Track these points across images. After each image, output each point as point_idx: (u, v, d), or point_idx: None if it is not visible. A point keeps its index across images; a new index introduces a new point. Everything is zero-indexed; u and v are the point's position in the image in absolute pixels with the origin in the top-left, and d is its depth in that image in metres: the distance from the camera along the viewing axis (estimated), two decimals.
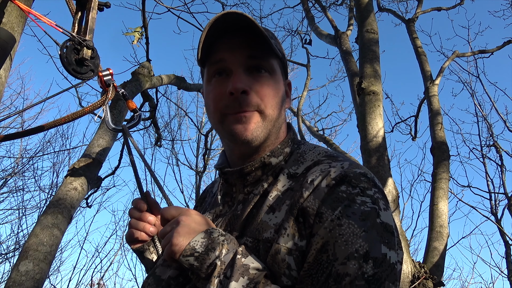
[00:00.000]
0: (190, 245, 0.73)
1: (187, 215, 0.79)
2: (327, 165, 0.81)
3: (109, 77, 1.00)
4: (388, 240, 0.72)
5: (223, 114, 0.86)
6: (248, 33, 0.85)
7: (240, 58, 0.86)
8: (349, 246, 0.68)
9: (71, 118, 0.97)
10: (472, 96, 7.78)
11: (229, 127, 0.86)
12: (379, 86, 3.32)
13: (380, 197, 0.76)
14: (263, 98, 0.86)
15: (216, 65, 0.88)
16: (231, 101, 0.85)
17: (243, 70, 0.86)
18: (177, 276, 0.83)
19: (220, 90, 0.87)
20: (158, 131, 4.77)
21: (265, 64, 0.88)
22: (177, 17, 3.77)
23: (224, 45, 0.87)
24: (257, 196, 0.85)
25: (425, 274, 2.87)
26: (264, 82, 0.87)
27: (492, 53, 5.69)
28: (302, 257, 0.73)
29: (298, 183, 0.81)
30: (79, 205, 2.15)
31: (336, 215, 0.71)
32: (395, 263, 0.71)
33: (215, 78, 0.89)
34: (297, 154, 0.89)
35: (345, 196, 0.74)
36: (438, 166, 4.03)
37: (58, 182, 8.12)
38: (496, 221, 7.46)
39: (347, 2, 6.57)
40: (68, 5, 1.05)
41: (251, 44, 0.86)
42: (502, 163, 7.57)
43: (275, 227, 0.77)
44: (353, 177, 0.76)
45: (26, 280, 1.73)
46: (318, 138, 6.84)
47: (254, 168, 0.87)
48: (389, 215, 0.75)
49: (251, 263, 0.72)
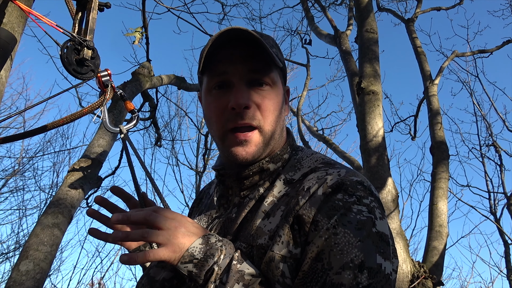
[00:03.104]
0: (189, 252, 0.72)
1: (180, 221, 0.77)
2: (324, 172, 0.80)
3: (107, 77, 1.00)
4: (383, 250, 0.72)
5: (225, 131, 0.86)
6: (250, 45, 0.85)
7: (242, 72, 0.86)
8: (344, 256, 0.68)
9: (70, 119, 0.97)
10: (471, 95, 7.79)
11: (229, 148, 0.86)
12: (378, 86, 3.32)
13: (376, 205, 0.76)
14: (264, 113, 0.86)
15: (218, 78, 0.88)
16: (232, 115, 0.85)
17: (244, 84, 0.86)
18: (171, 278, 0.82)
19: (221, 104, 0.87)
20: (158, 131, 4.77)
21: (267, 78, 0.88)
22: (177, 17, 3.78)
23: (226, 57, 0.87)
24: (253, 201, 0.85)
25: (424, 273, 2.87)
26: (265, 96, 0.87)
27: (491, 52, 5.69)
28: (296, 265, 0.73)
29: (294, 189, 0.81)
30: (79, 205, 2.16)
31: (332, 224, 0.71)
32: (390, 273, 0.71)
33: (216, 91, 0.88)
34: (295, 160, 0.90)
35: (341, 204, 0.73)
36: (437, 165, 4.04)
37: (58, 182, 8.13)
38: (495, 220, 7.46)
39: (346, 2, 6.57)
40: (68, 6, 1.05)
41: (253, 57, 0.86)
42: (501, 163, 7.58)
43: (270, 234, 0.77)
44: (350, 185, 0.76)
45: (27, 280, 1.73)
46: (318, 138, 6.84)
47: (252, 173, 0.87)
48: (384, 224, 0.75)
49: (246, 269, 0.72)
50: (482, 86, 9.22)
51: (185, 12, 3.74)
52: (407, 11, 6.89)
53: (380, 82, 3.39)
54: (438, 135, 4.33)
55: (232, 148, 0.86)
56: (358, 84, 3.35)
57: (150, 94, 3.50)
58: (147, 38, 3.12)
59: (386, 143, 3.18)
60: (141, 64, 2.96)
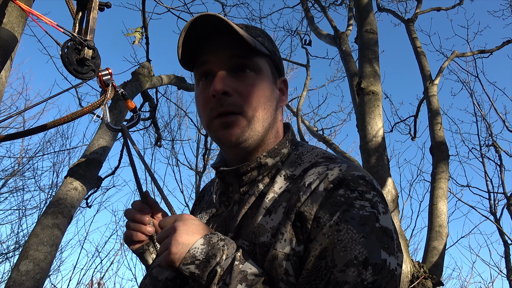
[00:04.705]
0: (190, 253, 0.72)
1: (183, 220, 0.77)
2: (325, 167, 0.79)
3: (108, 76, 1.00)
4: (387, 245, 0.71)
5: (210, 119, 0.86)
6: (232, 34, 0.84)
7: (222, 59, 0.86)
8: (348, 253, 0.68)
9: (70, 118, 0.97)
10: (471, 96, 7.78)
11: (215, 133, 0.86)
12: (378, 86, 3.32)
13: (379, 200, 0.75)
14: (246, 98, 0.85)
15: (201, 68, 0.88)
16: (214, 103, 0.85)
17: (226, 71, 0.85)
18: (174, 278, 0.82)
19: (205, 94, 0.87)
20: (158, 131, 4.77)
21: (250, 63, 0.87)
22: (177, 17, 3.77)
23: (208, 48, 0.87)
24: (252, 197, 0.84)
25: (424, 273, 2.87)
26: (248, 82, 0.86)
27: (491, 53, 5.68)
28: (299, 262, 0.72)
29: (295, 185, 0.80)
30: (79, 205, 2.16)
31: (335, 221, 0.70)
32: (395, 268, 0.71)
33: (202, 81, 0.89)
34: (295, 156, 0.89)
35: (344, 200, 0.72)
36: (437, 165, 4.04)
37: (58, 182, 8.13)
38: (495, 220, 7.46)
39: (346, 2, 6.57)
40: (68, 5, 1.05)
41: (234, 45, 0.85)
42: (501, 163, 7.58)
43: (272, 231, 0.76)
44: (351, 180, 0.75)
45: (27, 280, 1.73)
46: (318, 138, 6.84)
47: (250, 168, 0.86)
48: (388, 219, 0.74)
49: (249, 269, 0.72)
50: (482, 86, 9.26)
51: (185, 12, 3.74)
52: (407, 11, 6.90)
53: (380, 82, 3.39)
54: (438, 135, 4.33)
55: (217, 133, 0.86)
56: (358, 84, 3.35)
57: (150, 94, 3.50)
58: (147, 38, 3.12)
59: (386, 143, 3.18)
60: (141, 64, 2.96)
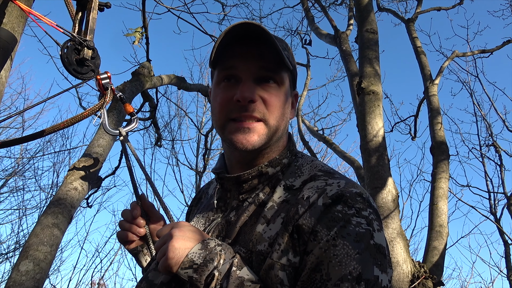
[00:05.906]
0: (188, 257, 0.74)
1: (179, 227, 0.79)
2: (323, 182, 0.81)
3: (107, 80, 1.00)
4: (380, 262, 0.73)
5: (227, 119, 0.87)
6: (261, 43, 0.85)
7: (251, 68, 0.87)
8: (342, 268, 0.70)
9: (70, 122, 0.97)
10: (471, 95, 7.77)
11: (230, 135, 0.87)
12: (378, 86, 3.32)
13: (374, 217, 0.77)
14: (269, 108, 0.87)
15: (228, 71, 0.89)
16: (235, 105, 0.86)
17: (252, 80, 0.87)
18: (170, 282, 0.83)
19: (227, 95, 0.88)
20: (158, 131, 4.77)
21: (275, 76, 0.89)
22: (177, 17, 3.77)
23: (238, 53, 0.88)
24: (252, 205, 0.86)
25: (424, 273, 2.87)
26: (271, 92, 0.88)
27: (491, 53, 5.69)
28: (295, 273, 0.74)
29: (294, 196, 0.82)
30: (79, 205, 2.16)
31: (332, 236, 0.72)
32: (386, 285, 0.73)
33: (224, 83, 0.89)
34: (295, 167, 0.91)
35: (341, 216, 0.75)
36: (437, 165, 4.04)
37: (58, 182, 8.13)
38: (495, 220, 7.46)
39: (346, 2, 6.57)
40: (68, 7, 1.05)
41: (264, 55, 0.87)
42: (501, 163, 7.57)
43: (269, 240, 0.78)
44: (349, 197, 0.77)
45: (27, 280, 1.73)
46: (318, 138, 6.84)
47: (251, 177, 0.88)
48: (382, 236, 0.77)
49: (246, 275, 0.74)
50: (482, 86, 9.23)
51: (185, 12, 3.74)
52: (407, 11, 6.90)
53: (380, 82, 3.39)
54: (438, 135, 4.33)
55: (232, 135, 0.86)
56: (358, 84, 3.35)
57: (150, 94, 3.50)
58: (147, 38, 3.12)
59: (386, 143, 3.18)
60: (141, 64, 2.96)
